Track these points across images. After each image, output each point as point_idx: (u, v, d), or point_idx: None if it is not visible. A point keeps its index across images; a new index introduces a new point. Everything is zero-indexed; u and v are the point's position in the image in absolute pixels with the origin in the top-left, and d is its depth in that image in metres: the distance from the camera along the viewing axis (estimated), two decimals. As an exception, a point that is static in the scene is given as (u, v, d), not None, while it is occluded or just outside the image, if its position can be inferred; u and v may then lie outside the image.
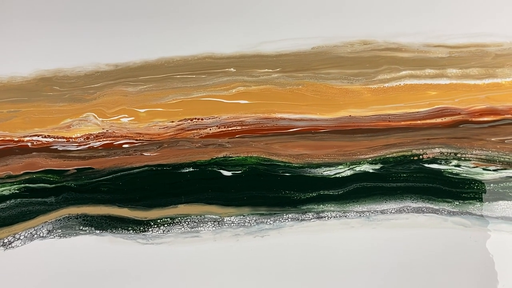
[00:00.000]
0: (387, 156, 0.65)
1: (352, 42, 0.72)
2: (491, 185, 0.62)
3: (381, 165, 0.64)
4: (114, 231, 0.63)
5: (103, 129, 0.70)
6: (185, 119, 0.69)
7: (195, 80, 0.72)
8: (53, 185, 0.67)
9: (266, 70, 0.72)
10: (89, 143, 0.69)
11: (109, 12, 0.78)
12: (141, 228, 0.63)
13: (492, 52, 0.70)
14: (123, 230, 0.63)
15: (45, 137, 0.70)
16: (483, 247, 0.59)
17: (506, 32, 0.71)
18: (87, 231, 0.63)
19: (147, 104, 0.71)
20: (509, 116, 0.66)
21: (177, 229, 0.63)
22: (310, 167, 0.65)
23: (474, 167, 0.63)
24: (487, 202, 0.61)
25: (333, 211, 0.62)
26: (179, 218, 0.63)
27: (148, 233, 0.63)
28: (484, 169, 0.63)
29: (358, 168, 0.64)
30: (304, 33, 0.74)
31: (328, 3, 0.75)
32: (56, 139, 0.69)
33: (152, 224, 0.63)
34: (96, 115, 0.71)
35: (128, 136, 0.69)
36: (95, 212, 0.65)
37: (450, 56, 0.70)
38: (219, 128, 0.69)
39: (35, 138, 0.70)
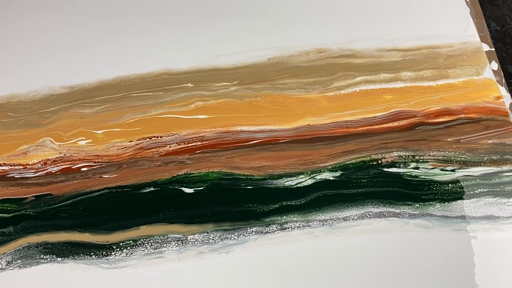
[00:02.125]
0: (347, 162, 0.65)
1: (307, 51, 0.73)
2: (450, 185, 0.63)
3: (341, 172, 0.64)
4: (76, 257, 0.62)
5: (60, 153, 0.69)
6: (144, 137, 0.69)
7: (152, 97, 0.71)
8: (11, 214, 0.65)
9: (224, 83, 0.72)
10: (47, 169, 0.68)
11: (62, 33, 0.77)
12: (104, 253, 0.62)
13: (444, 53, 0.71)
14: (85, 255, 0.62)
15: (0, 165, 0.68)
16: (445, 248, 0.59)
17: (456, 33, 0.72)
18: (48, 259, 0.62)
19: (105, 125, 0.70)
20: (463, 115, 0.67)
21: (140, 251, 0.62)
22: (272, 179, 0.65)
23: (432, 169, 0.64)
24: (446, 203, 0.62)
25: (296, 221, 0.62)
26: (142, 240, 0.62)
27: (111, 257, 0.62)
28: (442, 169, 0.64)
29: (319, 177, 0.64)
30: (260, 44, 0.74)
31: (282, 13, 0.75)
32: (12, 167, 0.68)
33: (115, 247, 0.62)
34: (53, 140, 0.69)
35: (86, 159, 0.68)
36: (56, 239, 0.63)
37: (404, 59, 0.71)
38: (179, 144, 0.68)
39: (-10, 167, 0.68)
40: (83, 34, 0.77)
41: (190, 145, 0.68)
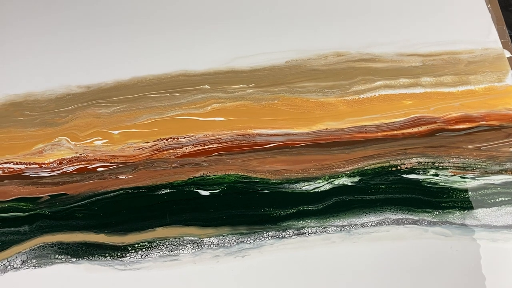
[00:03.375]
0: (365, 168, 0.64)
1: (326, 54, 0.72)
2: (470, 193, 0.62)
3: (360, 178, 0.64)
4: (91, 258, 0.62)
5: (76, 153, 0.68)
6: (160, 139, 0.68)
7: (169, 98, 0.71)
8: (27, 213, 0.65)
9: (241, 85, 0.71)
10: (63, 168, 0.68)
11: (79, 33, 0.77)
12: (119, 254, 0.62)
13: (465, 59, 0.70)
14: (100, 256, 0.62)
15: (16, 164, 0.68)
16: (464, 256, 0.58)
17: (477, 39, 0.71)
18: (63, 259, 0.62)
19: (121, 126, 0.69)
20: (483, 122, 0.66)
21: (155, 253, 0.61)
22: (289, 183, 0.64)
23: (452, 176, 0.63)
24: (466, 211, 0.61)
25: (314, 227, 0.62)
26: (157, 242, 0.62)
27: (126, 259, 0.61)
28: (462, 177, 0.63)
29: (336, 182, 0.64)
30: (278, 46, 0.73)
31: (300, 16, 0.75)
32: (28, 166, 0.68)
33: (130, 249, 0.62)
34: (68, 139, 0.69)
35: (102, 159, 0.68)
36: (71, 239, 0.63)
37: (424, 64, 0.70)
38: (195, 146, 0.68)
39: (6, 165, 0.68)
40: (100, 34, 0.77)
41: (206, 147, 0.67)
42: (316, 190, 0.64)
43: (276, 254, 0.61)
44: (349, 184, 0.64)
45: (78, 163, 0.68)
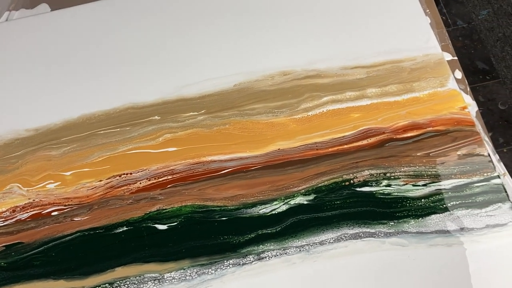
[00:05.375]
0: (319, 185, 0.65)
1: (272, 75, 0.72)
2: (422, 200, 0.63)
3: (315, 195, 0.64)
4: (51, 306, 0.61)
5: (29, 199, 0.67)
6: (114, 176, 0.68)
7: (120, 133, 0.70)
8: (-18, 267, 0.63)
9: (191, 113, 0.71)
10: (16, 216, 0.66)
11: (23, 73, 0.75)
12: (80, 299, 0.61)
13: (407, 67, 0.71)
14: (61, 303, 0.61)
15: (-32, 216, 0.66)
16: (422, 265, 0.59)
17: (417, 46, 0.73)
18: (23, 310, 0.60)
19: (73, 166, 0.69)
20: (430, 129, 0.67)
21: (117, 294, 0.61)
22: (246, 208, 0.65)
23: (404, 185, 0.64)
24: (420, 218, 0.62)
25: (273, 250, 0.62)
26: (118, 282, 0.61)
27: (88, 303, 0.60)
28: (413, 185, 0.64)
29: (292, 202, 0.64)
30: (225, 70, 0.74)
31: (244, 37, 0.75)
32: (-20, 217, 0.66)
33: (91, 292, 0.61)
34: (20, 185, 0.68)
35: (56, 203, 0.66)
36: (30, 288, 0.62)
37: (368, 76, 0.71)
38: (149, 180, 0.67)
39: (-44, 219, 0.66)
40: (44, 73, 0.75)
41: (161, 179, 0.67)
42: (273, 212, 0.64)
43: (238, 282, 0.61)
44: (305, 202, 0.64)
45: (31, 209, 0.66)
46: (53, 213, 0.66)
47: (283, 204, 0.64)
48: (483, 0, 1.72)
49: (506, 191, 0.63)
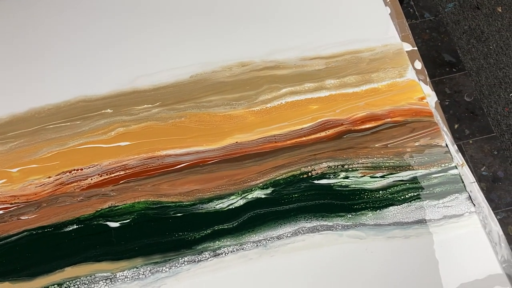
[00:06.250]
0: (277, 178, 0.63)
1: (230, 66, 0.70)
2: (380, 192, 0.62)
3: (272, 189, 0.63)
4: (-4, 310, 0.57)
5: (-28, 197, 0.63)
6: (63, 172, 0.65)
7: (70, 127, 0.67)
8: None
9: (145, 106, 0.68)
10: (-42, 216, 0.63)
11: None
12: (27, 301, 0.58)
13: (366, 58, 0.70)
14: (6, 307, 0.58)
15: None
16: (379, 257, 0.59)
17: (377, 36, 0.72)
18: (-35, 315, 0.57)
19: (20, 162, 0.65)
20: (388, 120, 0.66)
21: (66, 295, 0.58)
22: (202, 203, 0.63)
23: (362, 177, 0.63)
24: (378, 211, 0.61)
25: (230, 246, 0.60)
26: (68, 283, 0.59)
27: (35, 305, 0.58)
28: (371, 177, 0.63)
29: (250, 196, 0.62)
30: (181, 61, 0.71)
31: (201, 26, 0.73)
32: None
33: (38, 294, 0.58)
34: (-37, 183, 0.64)
35: (1, 201, 0.63)
36: (-27, 292, 0.58)
37: (327, 67, 0.70)
38: (101, 176, 0.65)
39: None
40: (-11, 65, 0.72)
41: (113, 175, 0.64)
42: (230, 207, 0.62)
43: (193, 279, 0.59)
44: (263, 196, 0.63)
45: (-25, 208, 0.63)
46: (-2, 212, 0.63)
47: (241, 199, 0.63)
48: (449, -7, 1.73)
49: (463, 182, 0.62)
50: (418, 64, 0.73)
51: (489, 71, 1.59)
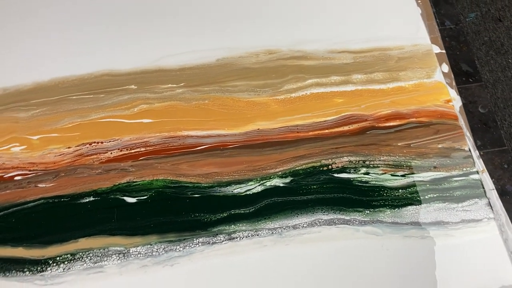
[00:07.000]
0: (297, 168, 0.63)
1: (257, 52, 0.70)
2: (400, 191, 0.62)
3: (291, 178, 0.62)
4: (7, 274, 0.57)
5: (-9, 161, 0.63)
6: (83, 143, 0.65)
7: (93, 100, 0.67)
8: None
9: (170, 85, 0.68)
10: (-24, 178, 0.63)
11: (-7, 31, 0.71)
12: (39, 268, 0.58)
13: (395, 56, 0.70)
14: (18, 272, 0.58)
15: None
16: (395, 255, 0.58)
17: (407, 35, 0.71)
18: (-24, 277, 0.57)
19: (41, 130, 0.65)
20: (413, 119, 0.66)
21: (78, 266, 0.58)
22: (220, 186, 0.62)
23: (382, 174, 0.63)
24: (396, 209, 0.61)
25: (245, 231, 0.60)
26: (81, 253, 0.58)
27: (47, 273, 0.57)
28: (392, 175, 0.63)
29: (268, 183, 0.62)
30: (208, 44, 0.71)
31: (231, 12, 0.72)
32: None
33: (51, 262, 0.58)
34: (-17, 146, 0.64)
35: (20, 167, 0.63)
36: (-15, 255, 0.58)
37: (355, 61, 0.70)
38: (121, 151, 0.64)
39: None
40: (15, 30, 0.71)
41: (133, 151, 0.64)
42: (248, 192, 0.62)
43: (207, 261, 0.59)
44: (281, 185, 0.62)
45: (-7, 172, 0.63)
46: (16, 178, 0.63)
47: (259, 185, 0.62)
48: (472, 2, 1.72)
49: (483, 187, 0.62)
50: (445, 67, 0.72)
51: (505, 84, 1.58)
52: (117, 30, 0.71)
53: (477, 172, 0.63)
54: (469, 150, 0.64)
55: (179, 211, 0.61)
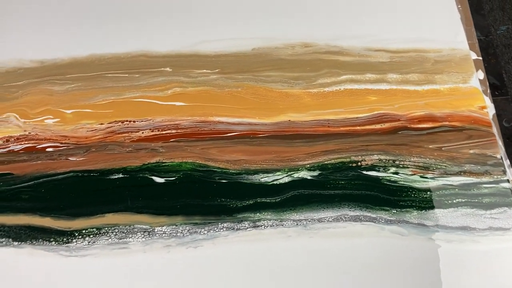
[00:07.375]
0: (326, 162, 0.63)
1: (293, 44, 0.70)
2: (428, 193, 0.61)
3: (319, 172, 0.62)
4: (34, 242, 0.58)
5: (25, 131, 0.64)
6: (116, 121, 0.65)
7: (128, 79, 0.68)
8: (-33, 193, 0.61)
9: (204, 70, 0.69)
10: (9, 146, 0.64)
11: (35, 4, 0.72)
12: (65, 239, 0.59)
13: (432, 58, 0.69)
14: (44, 241, 0.58)
15: (-42, 139, 0.64)
16: (419, 256, 0.58)
17: (445, 38, 0.71)
18: (4, 242, 0.58)
19: (75, 105, 0.66)
20: (446, 123, 0.65)
21: (103, 240, 0.59)
22: (248, 174, 0.63)
23: (412, 175, 0.62)
24: (423, 211, 0.60)
25: (270, 220, 0.60)
26: (106, 228, 0.59)
27: (72, 245, 0.58)
28: (421, 176, 0.62)
29: (296, 175, 0.62)
30: (245, 33, 0.71)
31: (270, 2, 0.73)
32: (-28, 142, 0.63)
33: (77, 234, 0.59)
34: (17, 116, 0.65)
35: (53, 139, 0.64)
36: (14, 222, 0.59)
37: (391, 61, 0.69)
38: (152, 131, 0.65)
39: None
40: (57, 6, 0.72)
41: (164, 132, 0.64)
42: (274, 182, 0.62)
43: (230, 246, 0.59)
44: (309, 178, 0.62)
45: (26, 142, 0.64)
46: (48, 149, 0.63)
47: (286, 176, 0.62)
48: (504, 15, 1.70)
49: (513, 197, 0.61)
50: (481, 74, 0.72)
51: (532, 100, 1.56)
52: (158, 12, 0.72)
53: (508, 181, 0.62)
54: (501, 158, 0.64)
55: (206, 194, 0.61)
